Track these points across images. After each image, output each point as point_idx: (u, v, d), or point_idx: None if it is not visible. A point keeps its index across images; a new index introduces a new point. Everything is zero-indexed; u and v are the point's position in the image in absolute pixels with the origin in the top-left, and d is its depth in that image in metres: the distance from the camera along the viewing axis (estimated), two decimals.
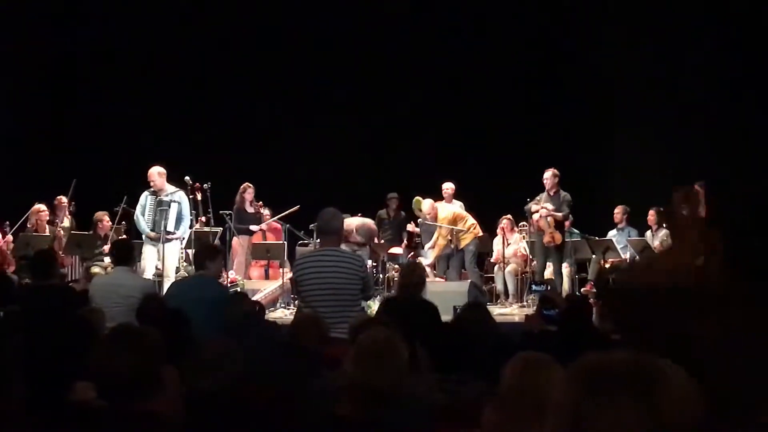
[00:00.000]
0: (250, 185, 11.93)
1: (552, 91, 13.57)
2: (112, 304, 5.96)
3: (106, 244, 10.43)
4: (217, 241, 11.67)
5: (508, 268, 11.58)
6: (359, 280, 5.55)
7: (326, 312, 5.38)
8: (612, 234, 11.41)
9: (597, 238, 11.22)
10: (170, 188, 10.10)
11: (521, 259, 11.66)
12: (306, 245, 11.32)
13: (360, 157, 13.94)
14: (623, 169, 12.89)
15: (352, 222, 11.29)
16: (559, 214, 10.77)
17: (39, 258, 6.44)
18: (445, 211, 11.30)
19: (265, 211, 12.04)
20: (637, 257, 10.55)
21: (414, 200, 11.86)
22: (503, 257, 11.50)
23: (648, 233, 11.17)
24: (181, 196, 10.11)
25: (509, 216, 11.75)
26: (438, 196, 11.75)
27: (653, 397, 1.39)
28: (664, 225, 10.26)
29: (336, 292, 5.45)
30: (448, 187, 11.91)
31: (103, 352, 2.88)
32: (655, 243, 10.83)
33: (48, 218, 11.10)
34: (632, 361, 1.44)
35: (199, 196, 11.20)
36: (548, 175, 10.91)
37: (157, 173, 10.06)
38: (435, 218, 11.24)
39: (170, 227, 9.87)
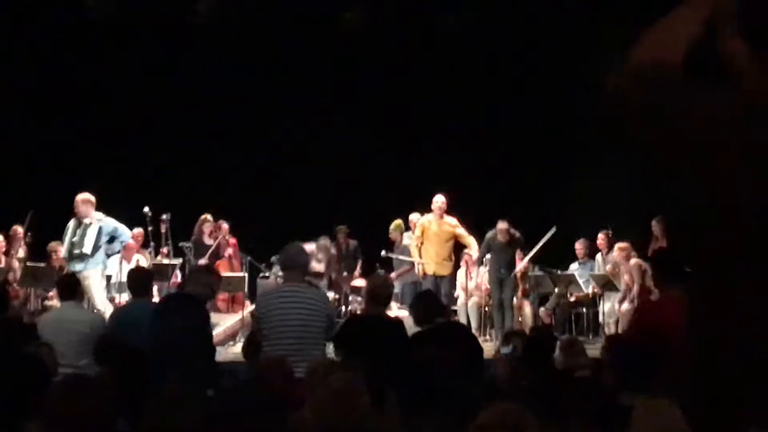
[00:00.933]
0: (209, 217, 11.78)
1: (518, 122, 13.60)
2: (63, 340, 5.78)
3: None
4: (177, 272, 11.57)
5: (471, 302, 11.52)
6: (325, 318, 5.45)
7: (291, 350, 5.27)
8: (574, 268, 11.42)
9: (560, 272, 11.22)
10: (96, 215, 9.96)
11: (485, 293, 11.61)
12: (267, 278, 11.20)
13: (318, 187, 13.80)
14: (585, 202, 12.88)
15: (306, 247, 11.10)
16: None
17: None
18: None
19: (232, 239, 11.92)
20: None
21: (394, 223, 11.85)
22: (466, 290, 11.45)
23: (598, 257, 11.18)
24: (106, 222, 9.96)
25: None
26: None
27: None
28: None
29: (301, 330, 5.34)
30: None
31: (56, 399, 2.77)
32: (607, 267, 10.86)
33: (3, 249, 10.86)
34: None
35: (162, 228, 11.05)
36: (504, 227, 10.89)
37: (80, 201, 9.91)
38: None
39: (86, 249, 9.73)
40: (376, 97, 13.81)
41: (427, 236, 11.01)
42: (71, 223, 10.00)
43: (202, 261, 11.40)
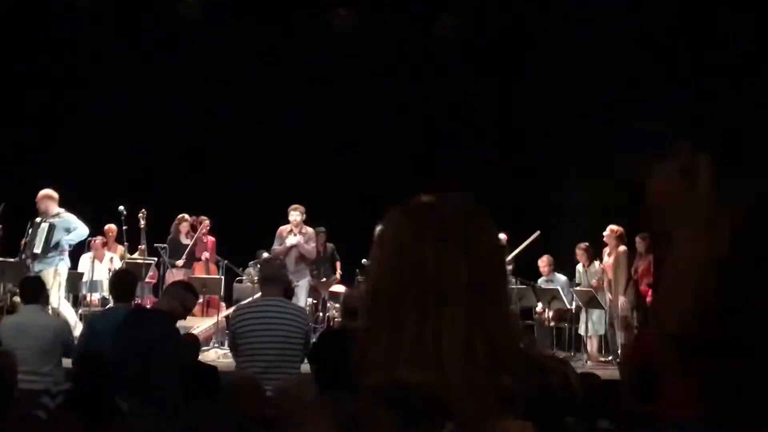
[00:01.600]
0: (186, 216, 11.47)
1: (503, 133, 13.44)
2: (23, 346, 5.49)
3: None
4: (152, 272, 11.30)
5: None
6: (303, 334, 5.20)
7: (267, 366, 5.04)
8: (540, 281, 11.25)
9: (543, 286, 11.06)
10: (55, 211, 9.68)
11: None
12: (242, 282, 10.94)
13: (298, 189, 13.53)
14: (571, 215, 12.75)
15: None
16: None
17: None
18: None
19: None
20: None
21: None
22: None
23: (579, 267, 10.97)
24: (63, 218, 9.66)
25: None
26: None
27: (474, 243, 1.45)
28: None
29: (279, 346, 5.10)
30: None
31: None
32: (592, 281, 10.67)
33: None
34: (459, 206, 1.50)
35: (141, 224, 10.77)
36: None
37: (41, 196, 9.66)
38: None
39: (36, 249, 9.47)
40: (359, 98, 13.59)
41: None
42: (31, 223, 9.75)
43: (179, 262, 11.12)
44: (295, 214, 10.31)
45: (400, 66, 13.74)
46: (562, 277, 11.21)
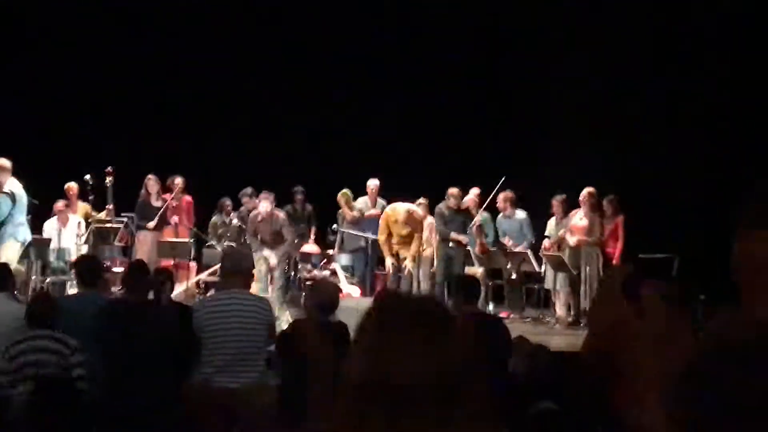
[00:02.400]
0: (153, 176, 11.30)
1: (490, 106, 13.34)
2: None
3: None
4: (121, 233, 11.20)
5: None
6: (266, 327, 5.19)
7: (230, 359, 5.05)
8: (500, 219, 11.27)
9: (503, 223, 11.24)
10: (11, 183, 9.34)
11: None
12: (213, 247, 10.90)
13: (269, 148, 13.43)
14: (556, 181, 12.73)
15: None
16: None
17: None
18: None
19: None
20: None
21: (341, 193, 11.52)
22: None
23: (552, 221, 10.98)
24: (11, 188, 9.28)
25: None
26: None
27: (442, 338, 1.46)
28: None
29: (242, 338, 5.09)
30: (373, 184, 11.62)
31: None
32: (560, 232, 10.70)
33: None
34: (425, 302, 1.54)
35: (107, 182, 10.65)
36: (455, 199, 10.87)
37: None
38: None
39: None
40: (342, 62, 13.45)
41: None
42: None
43: (151, 224, 11.02)
44: (265, 204, 10.05)
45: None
46: (521, 213, 11.20)
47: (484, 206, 11.24)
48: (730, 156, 10.70)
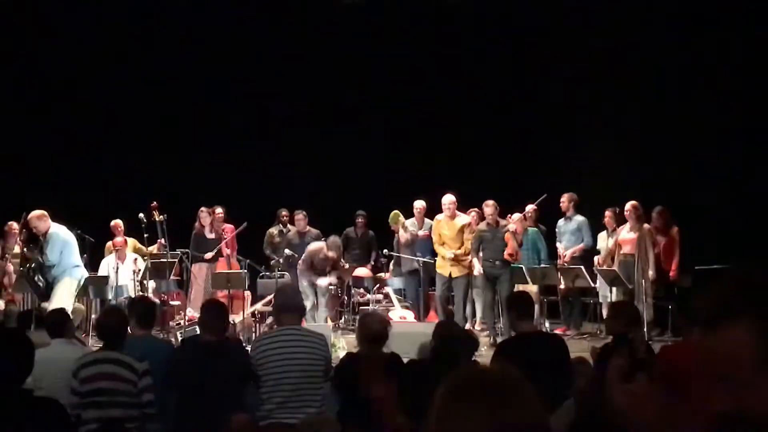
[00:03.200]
0: (205, 209, 11.53)
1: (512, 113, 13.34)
2: (51, 381, 5.51)
3: None
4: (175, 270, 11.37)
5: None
6: (323, 360, 5.23)
7: (289, 395, 5.08)
8: (560, 223, 11.26)
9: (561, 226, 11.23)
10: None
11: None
12: (269, 278, 11.01)
13: (327, 173, 13.57)
14: (590, 179, 12.66)
15: (315, 244, 10.97)
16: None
17: None
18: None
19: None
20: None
21: (392, 214, 11.55)
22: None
23: (603, 234, 10.93)
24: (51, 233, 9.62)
25: None
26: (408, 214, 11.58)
27: (505, 410, 1.48)
28: None
29: (299, 374, 5.13)
30: (420, 205, 11.68)
31: None
32: (609, 242, 10.65)
33: None
34: (492, 372, 1.59)
35: (156, 217, 10.80)
36: (490, 211, 10.77)
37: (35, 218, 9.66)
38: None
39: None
40: (385, 85, 13.56)
41: (440, 237, 10.81)
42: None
43: (208, 255, 11.22)
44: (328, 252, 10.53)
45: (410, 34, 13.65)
46: (580, 217, 11.18)
47: (529, 219, 11.22)
48: None
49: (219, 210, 11.78)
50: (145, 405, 4.94)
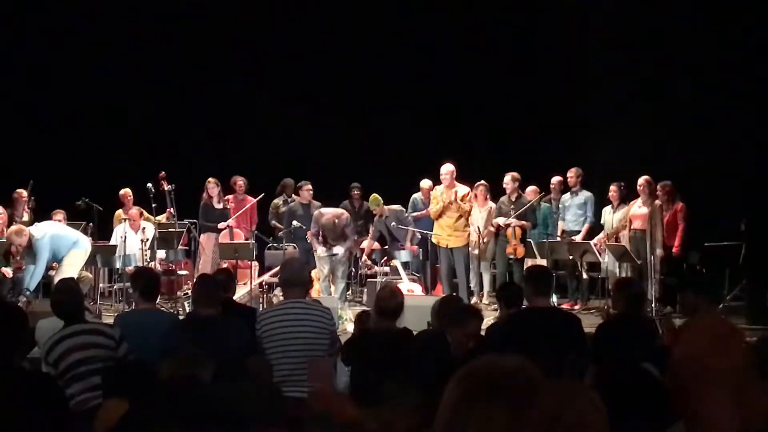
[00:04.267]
0: (213, 180, 11.49)
1: (531, 83, 13.22)
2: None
3: None
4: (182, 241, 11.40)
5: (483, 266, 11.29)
6: (328, 334, 5.21)
7: (293, 368, 5.07)
8: (565, 197, 11.26)
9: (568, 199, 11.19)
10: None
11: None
12: (277, 249, 10.98)
13: (322, 146, 13.53)
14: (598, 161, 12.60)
15: (327, 211, 10.73)
16: (527, 224, 10.81)
17: None
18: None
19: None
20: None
21: (372, 197, 11.42)
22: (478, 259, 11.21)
23: (608, 209, 10.88)
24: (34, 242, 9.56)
25: None
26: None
27: (525, 409, 1.42)
28: None
29: (304, 347, 5.11)
30: (427, 184, 11.64)
31: None
32: (616, 216, 10.60)
33: (4, 221, 10.63)
34: (510, 369, 1.46)
35: (164, 187, 10.78)
36: (507, 180, 10.79)
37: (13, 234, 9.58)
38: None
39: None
40: (394, 58, 13.47)
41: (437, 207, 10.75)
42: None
43: (222, 224, 11.22)
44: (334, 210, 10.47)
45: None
46: (587, 192, 11.16)
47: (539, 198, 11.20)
48: None
49: (240, 181, 11.76)
50: None
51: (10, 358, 3.48)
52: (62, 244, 9.57)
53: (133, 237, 10.91)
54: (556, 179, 11.41)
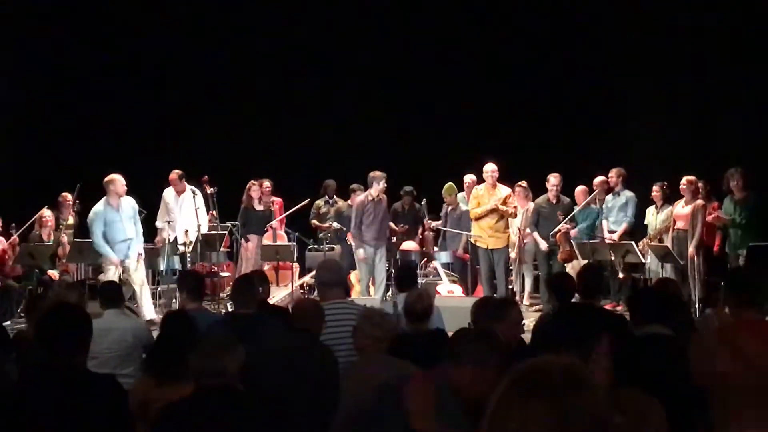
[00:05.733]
0: (255, 182, 11.59)
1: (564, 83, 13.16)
2: (104, 349, 5.63)
3: None
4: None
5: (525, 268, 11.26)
6: None
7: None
8: (608, 198, 11.15)
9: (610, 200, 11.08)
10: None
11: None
12: (318, 250, 11.05)
13: (374, 146, 13.55)
14: (640, 154, 12.48)
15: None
16: (569, 228, 10.73)
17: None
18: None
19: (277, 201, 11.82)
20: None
21: (447, 186, 11.50)
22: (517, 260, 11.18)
23: (651, 209, 10.78)
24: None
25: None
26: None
27: (564, 404, 1.41)
28: None
29: (348, 347, 5.12)
30: (469, 179, 11.62)
31: None
32: (660, 218, 10.51)
33: (51, 225, 10.82)
34: (556, 366, 1.47)
35: (208, 190, 10.89)
36: (555, 181, 10.85)
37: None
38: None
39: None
40: (434, 60, 13.47)
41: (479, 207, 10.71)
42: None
43: (274, 222, 11.34)
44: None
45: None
46: (629, 192, 11.04)
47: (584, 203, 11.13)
48: None
49: (267, 183, 11.84)
50: None
51: (74, 359, 3.55)
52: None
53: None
54: (598, 179, 11.30)
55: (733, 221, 9.79)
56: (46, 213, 10.78)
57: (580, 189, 11.32)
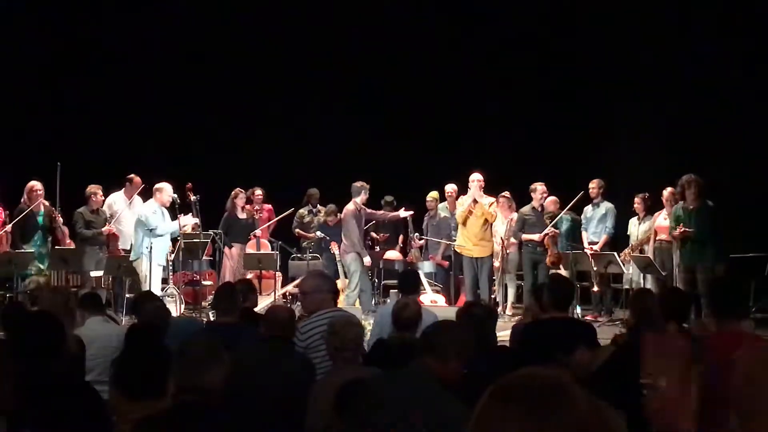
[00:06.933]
0: (242, 190, 11.57)
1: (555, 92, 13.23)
2: (89, 356, 5.59)
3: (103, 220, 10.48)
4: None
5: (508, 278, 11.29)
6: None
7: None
8: (587, 209, 11.20)
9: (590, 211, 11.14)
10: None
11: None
12: (301, 259, 11.04)
13: (355, 156, 13.56)
14: (622, 165, 12.57)
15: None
16: (557, 231, 10.82)
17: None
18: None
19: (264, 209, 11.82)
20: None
21: (430, 194, 11.68)
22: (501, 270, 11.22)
23: (633, 220, 10.85)
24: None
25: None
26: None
27: (543, 414, 1.41)
28: None
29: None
30: (451, 188, 11.67)
31: None
32: (641, 228, 10.61)
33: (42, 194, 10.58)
34: (538, 377, 1.46)
35: (191, 197, 10.83)
36: (541, 189, 10.90)
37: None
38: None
39: None
40: (420, 72, 13.53)
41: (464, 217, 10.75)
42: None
43: (258, 231, 11.34)
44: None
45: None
46: (608, 204, 11.12)
47: (566, 209, 11.17)
48: None
49: (258, 192, 11.85)
50: None
51: (49, 364, 3.54)
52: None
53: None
54: (596, 182, 11.28)
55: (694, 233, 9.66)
56: (36, 184, 10.49)
57: (550, 200, 11.29)
